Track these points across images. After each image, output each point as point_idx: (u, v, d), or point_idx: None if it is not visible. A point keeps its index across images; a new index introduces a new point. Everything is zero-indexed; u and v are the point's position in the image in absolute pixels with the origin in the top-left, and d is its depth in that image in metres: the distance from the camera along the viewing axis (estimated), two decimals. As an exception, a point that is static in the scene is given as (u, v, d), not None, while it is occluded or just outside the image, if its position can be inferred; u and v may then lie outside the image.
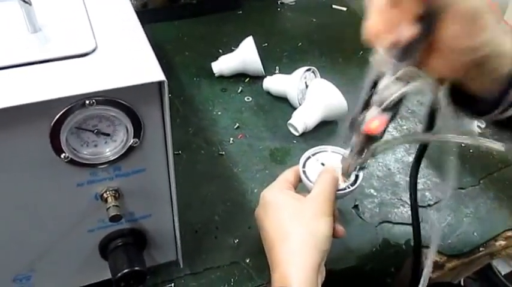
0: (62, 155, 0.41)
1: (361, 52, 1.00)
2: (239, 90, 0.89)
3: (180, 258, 0.58)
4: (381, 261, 0.64)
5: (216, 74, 0.91)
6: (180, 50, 0.99)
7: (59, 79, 0.39)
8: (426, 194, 0.72)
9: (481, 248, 0.67)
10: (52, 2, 0.48)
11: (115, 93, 0.39)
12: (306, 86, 0.84)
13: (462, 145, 0.41)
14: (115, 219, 0.45)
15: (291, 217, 0.50)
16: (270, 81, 0.88)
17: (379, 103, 0.39)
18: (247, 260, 0.62)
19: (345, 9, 1.17)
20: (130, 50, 0.43)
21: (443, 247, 0.66)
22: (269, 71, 0.92)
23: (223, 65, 0.90)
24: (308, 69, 0.85)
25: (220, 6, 1.11)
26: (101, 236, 0.50)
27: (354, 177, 0.54)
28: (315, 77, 0.87)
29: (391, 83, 0.38)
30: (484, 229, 0.68)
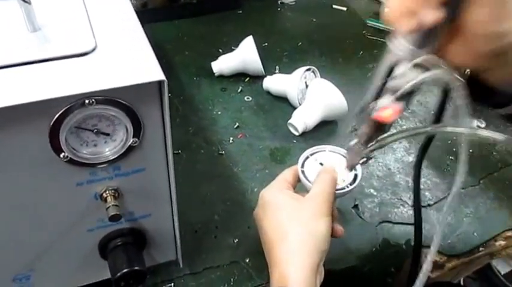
0: (62, 155, 0.41)
1: (361, 52, 1.00)
2: (239, 90, 0.89)
3: (179, 258, 0.58)
4: (380, 261, 0.64)
5: (216, 74, 0.91)
6: (180, 49, 0.99)
7: (58, 78, 0.39)
8: (426, 194, 0.72)
9: (480, 248, 0.67)
10: (52, 2, 0.48)
11: (115, 93, 0.39)
12: (306, 86, 0.84)
13: (462, 144, 0.41)
14: (114, 219, 0.45)
15: (289, 216, 0.50)
16: (270, 81, 0.88)
17: (394, 91, 0.37)
18: (246, 260, 0.62)
19: (345, 9, 1.17)
20: (130, 50, 0.43)
21: (443, 246, 0.66)
22: (269, 71, 0.92)
23: (223, 64, 0.90)
24: (308, 69, 0.85)
25: (220, 6, 1.11)
26: (100, 235, 0.50)
27: (352, 176, 0.54)
28: (315, 76, 0.87)
29: (408, 70, 0.36)
30: (483, 229, 0.68)
